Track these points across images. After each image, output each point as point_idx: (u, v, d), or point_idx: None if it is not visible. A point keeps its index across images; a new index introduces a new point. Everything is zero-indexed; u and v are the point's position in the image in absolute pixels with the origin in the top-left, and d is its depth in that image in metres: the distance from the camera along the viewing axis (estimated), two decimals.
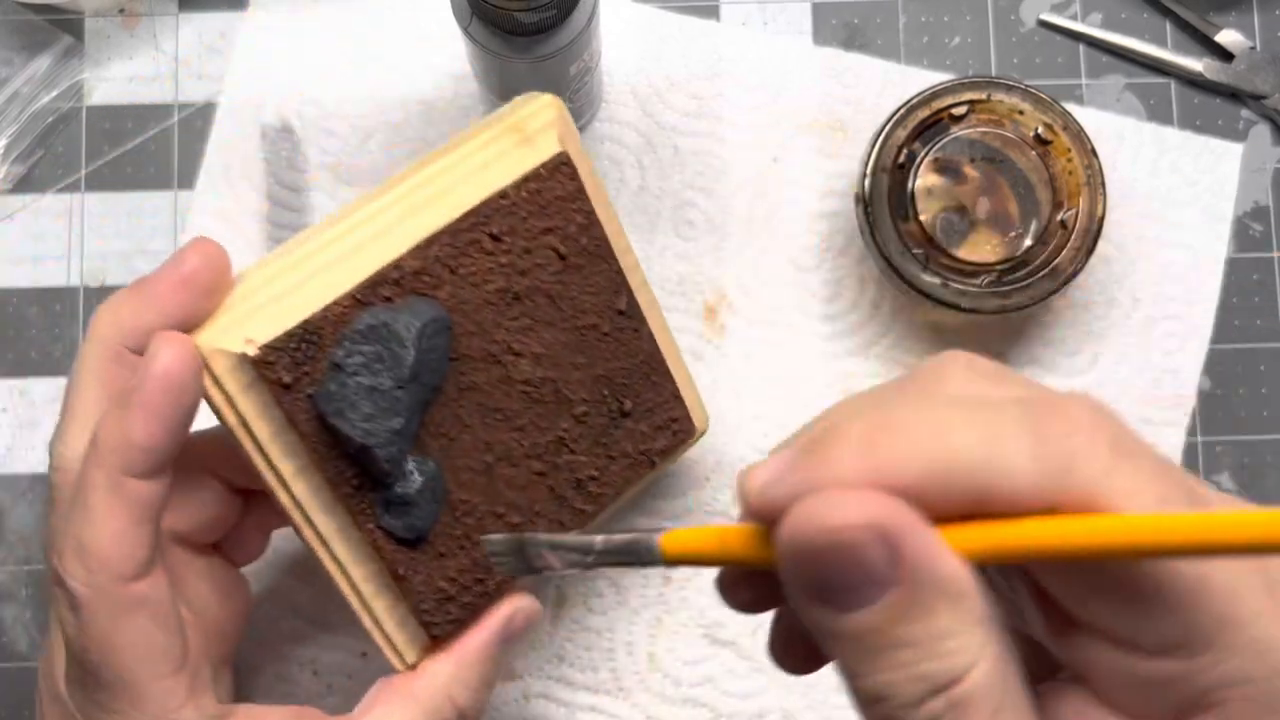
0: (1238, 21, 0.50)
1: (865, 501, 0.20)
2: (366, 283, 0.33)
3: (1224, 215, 0.49)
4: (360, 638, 0.47)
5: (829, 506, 0.20)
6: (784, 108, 0.50)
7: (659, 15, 0.50)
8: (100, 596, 0.31)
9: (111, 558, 0.31)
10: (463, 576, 0.36)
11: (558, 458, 0.37)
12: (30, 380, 0.48)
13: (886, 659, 0.20)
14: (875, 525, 0.20)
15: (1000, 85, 0.45)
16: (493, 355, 0.36)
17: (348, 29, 0.50)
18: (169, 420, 0.31)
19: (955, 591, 0.20)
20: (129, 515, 0.31)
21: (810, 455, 0.21)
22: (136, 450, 0.31)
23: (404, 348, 0.33)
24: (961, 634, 0.20)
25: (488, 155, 0.36)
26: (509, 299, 0.36)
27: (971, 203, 0.47)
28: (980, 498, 0.20)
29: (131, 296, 0.33)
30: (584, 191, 0.37)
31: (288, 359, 0.33)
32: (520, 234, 0.36)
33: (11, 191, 0.49)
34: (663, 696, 0.47)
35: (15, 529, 0.48)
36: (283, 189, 0.49)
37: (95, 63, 0.50)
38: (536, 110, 0.37)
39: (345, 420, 0.33)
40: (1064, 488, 0.20)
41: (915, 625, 0.20)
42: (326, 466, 0.34)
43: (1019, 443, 0.20)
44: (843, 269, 0.49)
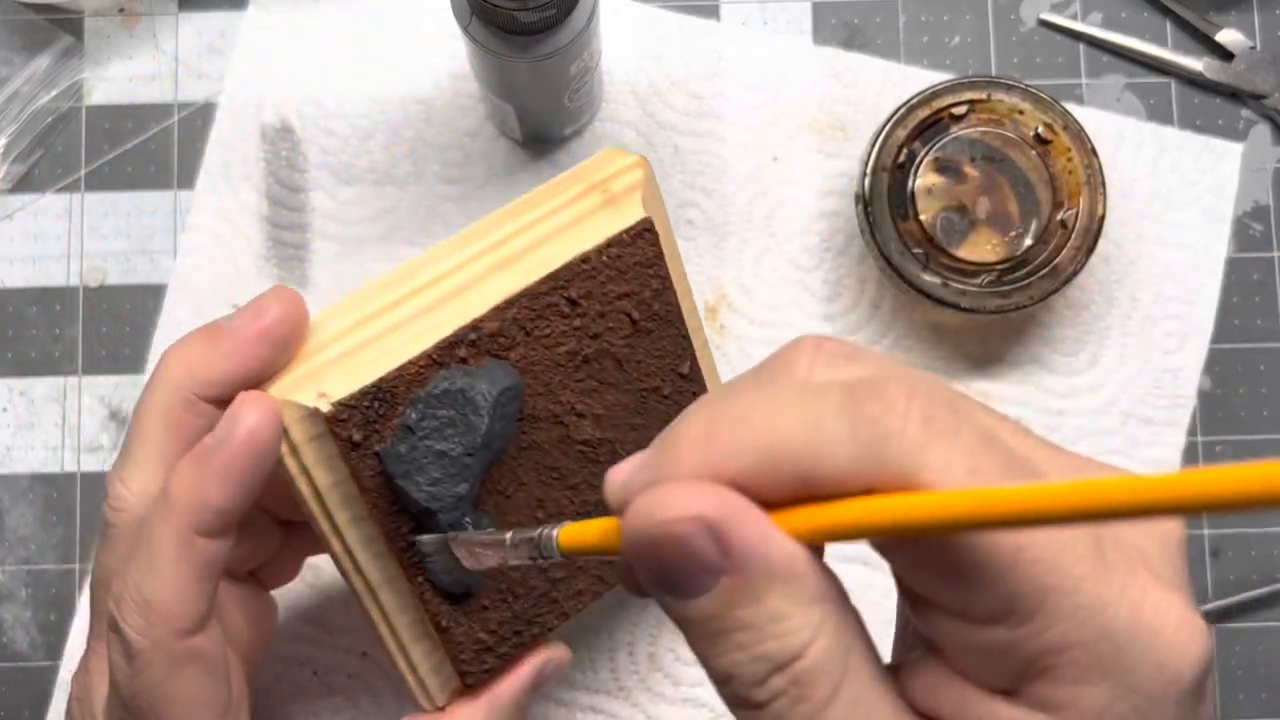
0: (1238, 21, 0.50)
1: (691, 494, 0.21)
2: (444, 343, 0.33)
3: (1224, 215, 0.49)
4: (360, 638, 0.47)
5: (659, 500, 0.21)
6: (784, 107, 0.50)
7: (659, 15, 0.50)
8: (156, 649, 0.31)
9: (173, 613, 0.31)
10: (502, 628, 0.36)
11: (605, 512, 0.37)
12: (30, 380, 0.48)
13: (727, 641, 0.21)
14: (699, 516, 0.20)
15: (1000, 85, 0.45)
16: (556, 416, 0.35)
17: (348, 29, 0.50)
18: (246, 484, 0.31)
19: (786, 574, 0.21)
20: (194, 573, 0.31)
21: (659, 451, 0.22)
22: (210, 511, 0.30)
23: (479, 415, 0.33)
24: (796, 614, 0.21)
25: (572, 214, 0.35)
26: (578, 361, 0.35)
27: (972, 202, 0.47)
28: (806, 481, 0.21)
29: (206, 342, 0.33)
30: (663, 257, 0.36)
31: (360, 417, 0.32)
32: (597, 298, 0.35)
33: (11, 191, 0.49)
34: (662, 696, 0.47)
35: (15, 529, 0.48)
36: (282, 189, 0.49)
37: (95, 62, 0.50)
38: (623, 170, 0.36)
39: (412, 483, 0.32)
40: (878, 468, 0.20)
41: (749, 609, 0.21)
42: (384, 521, 0.33)
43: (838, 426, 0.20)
44: (843, 269, 0.49)
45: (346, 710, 0.47)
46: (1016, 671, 0.21)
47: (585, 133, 0.49)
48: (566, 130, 0.48)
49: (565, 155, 0.49)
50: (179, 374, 0.33)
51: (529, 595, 0.36)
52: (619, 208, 0.36)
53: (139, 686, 0.31)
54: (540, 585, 0.36)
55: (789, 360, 0.24)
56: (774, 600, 0.21)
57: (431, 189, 0.49)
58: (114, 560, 0.33)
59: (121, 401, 0.48)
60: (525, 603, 0.36)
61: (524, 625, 0.36)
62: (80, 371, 0.48)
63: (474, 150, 0.49)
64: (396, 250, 0.49)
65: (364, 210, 0.49)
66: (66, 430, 0.48)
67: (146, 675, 0.31)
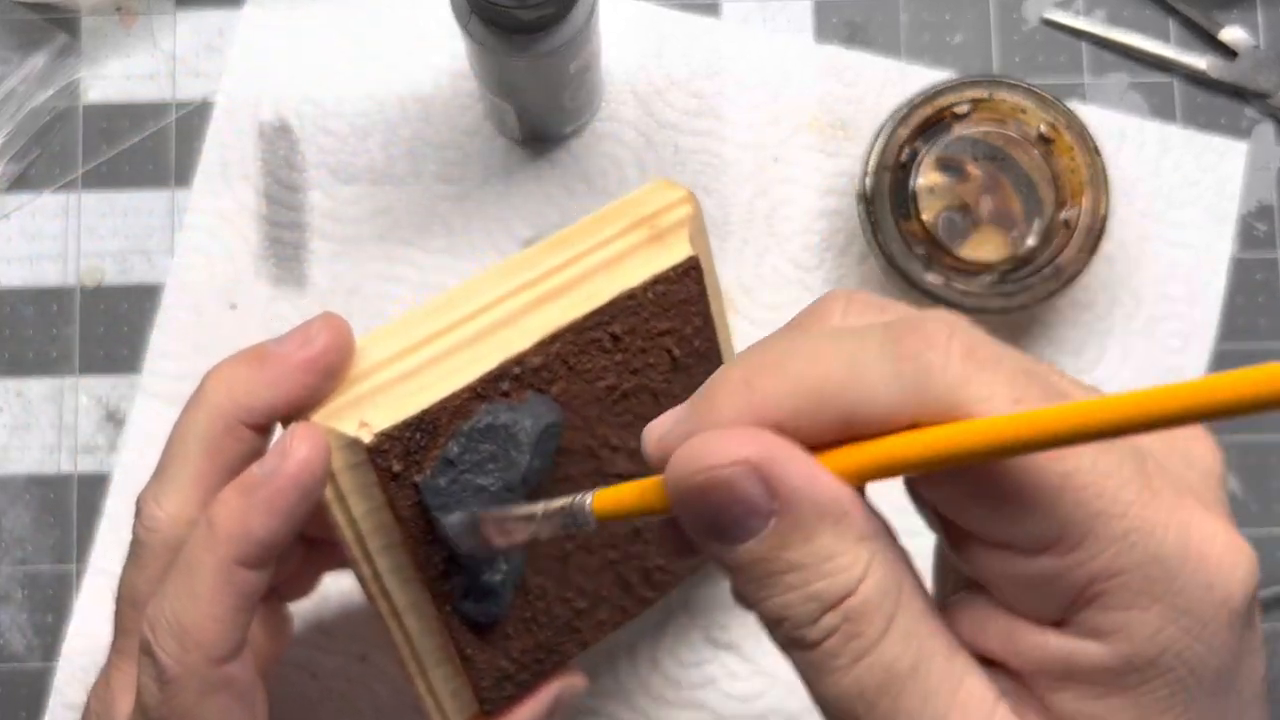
0: (1242, 19, 0.50)
1: (737, 439, 0.21)
2: (487, 377, 0.33)
3: (1228, 214, 0.49)
4: (359, 642, 0.46)
5: (704, 447, 0.21)
6: (785, 106, 0.49)
7: (659, 13, 0.50)
8: (190, 675, 0.31)
9: (209, 641, 0.30)
10: (524, 656, 0.36)
11: (631, 546, 0.37)
12: (26, 380, 0.48)
13: (778, 583, 0.21)
14: (747, 460, 0.21)
15: (1003, 83, 0.45)
16: (591, 449, 0.35)
17: (346, 27, 0.50)
18: (292, 518, 0.30)
19: (835, 513, 0.21)
20: (234, 603, 0.31)
21: (697, 403, 0.22)
22: (254, 544, 0.30)
23: (520, 452, 0.32)
24: (846, 552, 0.21)
25: (619, 249, 0.35)
26: (616, 396, 0.35)
27: (974, 202, 0.46)
28: (849, 420, 0.21)
29: (250, 367, 0.32)
30: (706, 295, 0.36)
31: (401, 448, 0.32)
32: (640, 334, 0.35)
33: (8, 190, 0.49)
34: (663, 699, 0.47)
35: (10, 530, 0.47)
36: (280, 188, 0.49)
37: (92, 61, 0.50)
38: (671, 205, 0.36)
39: (449, 515, 0.32)
40: (922, 402, 0.20)
41: (799, 550, 0.21)
42: (417, 550, 0.33)
43: (879, 364, 0.21)
44: (844, 268, 0.49)
45: (346, 714, 0.46)
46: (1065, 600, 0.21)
47: (585, 132, 0.49)
48: (566, 129, 0.48)
49: (565, 154, 0.49)
50: (221, 398, 0.32)
51: (552, 624, 0.36)
52: (665, 244, 0.35)
53: (170, 711, 0.31)
54: (563, 614, 0.36)
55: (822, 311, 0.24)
56: (823, 539, 0.21)
57: (430, 188, 0.49)
58: (142, 580, 0.33)
59: (119, 402, 0.48)
60: (548, 631, 0.36)
61: (545, 654, 0.36)
62: (77, 372, 0.48)
63: (472, 149, 0.49)
64: (394, 249, 0.48)
65: (362, 209, 0.49)
66: (63, 431, 0.48)
67: (178, 701, 0.31)
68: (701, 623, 0.47)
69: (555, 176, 0.49)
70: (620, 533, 0.37)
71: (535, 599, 0.36)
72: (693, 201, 0.36)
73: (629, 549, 0.37)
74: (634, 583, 0.38)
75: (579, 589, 0.36)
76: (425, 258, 0.48)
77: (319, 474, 0.31)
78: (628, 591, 0.38)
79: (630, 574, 0.37)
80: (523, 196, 0.49)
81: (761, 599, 0.22)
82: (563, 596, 0.36)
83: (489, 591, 0.34)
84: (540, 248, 0.35)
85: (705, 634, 0.47)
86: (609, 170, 0.49)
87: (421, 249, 0.49)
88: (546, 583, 0.36)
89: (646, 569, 0.38)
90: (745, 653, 0.47)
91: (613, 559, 0.37)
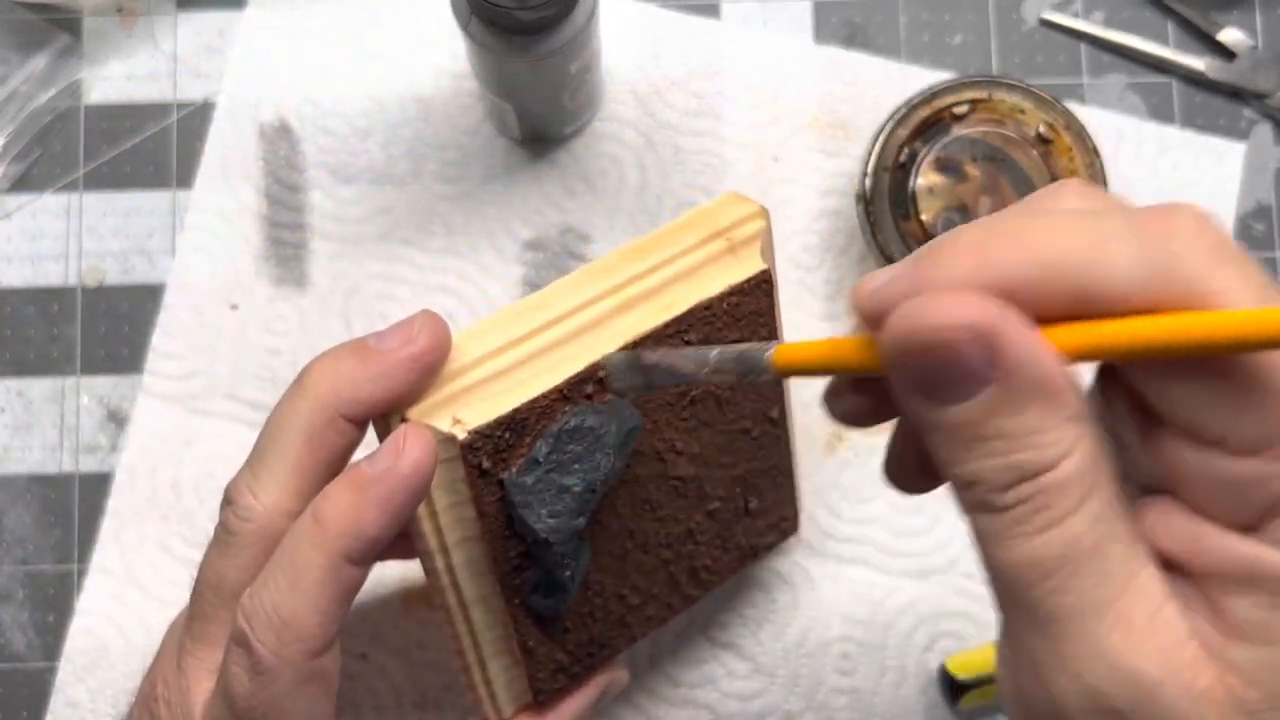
0: (1240, 20, 0.50)
1: (965, 302, 0.21)
2: (574, 379, 0.34)
3: (1226, 215, 0.49)
4: (360, 640, 0.46)
5: (930, 307, 0.21)
6: (784, 106, 0.49)
7: (659, 14, 0.50)
8: (286, 667, 0.31)
9: (309, 635, 0.31)
10: (579, 650, 0.38)
11: (684, 547, 0.39)
12: (28, 380, 0.48)
13: (981, 448, 0.22)
14: (973, 325, 0.21)
15: (1002, 84, 0.45)
16: (658, 452, 0.37)
17: (346, 28, 0.50)
18: (402, 516, 0.31)
19: (1050, 390, 0.21)
20: (337, 598, 0.31)
21: (924, 260, 0.22)
22: (364, 541, 0.30)
23: (605, 454, 0.33)
24: (1054, 429, 0.21)
25: (696, 259, 0.36)
26: (686, 401, 0.37)
27: (973, 202, 0.46)
28: (1084, 297, 0.21)
29: (354, 360, 0.33)
30: (774, 307, 0.37)
31: (491, 445, 0.33)
32: (711, 342, 0.36)
33: (9, 191, 0.49)
34: (663, 698, 0.47)
35: (12, 530, 0.47)
36: (281, 188, 0.49)
37: (93, 61, 0.50)
38: (745, 219, 0.37)
39: (533, 513, 0.33)
40: (1166, 287, 0.21)
41: (1008, 420, 0.21)
42: (495, 544, 0.34)
43: (1124, 245, 0.21)
44: (843, 269, 0.49)
45: (346, 712, 0.46)
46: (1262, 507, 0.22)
47: (585, 132, 0.49)
48: (566, 129, 0.48)
49: (565, 154, 0.49)
50: (325, 391, 0.32)
51: (607, 619, 0.38)
52: (739, 256, 0.37)
53: (259, 701, 0.31)
54: (617, 610, 0.38)
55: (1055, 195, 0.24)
56: (1035, 413, 0.21)
57: (430, 188, 0.49)
58: (232, 569, 0.33)
59: (120, 401, 0.48)
60: (602, 626, 0.38)
61: (597, 648, 0.38)
62: (78, 372, 0.48)
63: (473, 149, 0.49)
64: (395, 249, 0.49)
65: (362, 209, 0.49)
66: (65, 431, 0.48)
67: (271, 690, 0.31)
68: (701, 622, 0.47)
69: (555, 177, 0.49)
70: (676, 532, 0.38)
71: (594, 595, 0.37)
72: (765, 216, 0.38)
73: (682, 549, 0.39)
74: (682, 581, 0.39)
75: (633, 585, 0.38)
76: (425, 258, 0.49)
77: (429, 475, 0.31)
78: (675, 589, 0.39)
79: (680, 573, 0.39)
80: (523, 197, 0.49)
81: (958, 460, 0.22)
82: (619, 593, 0.38)
83: (560, 586, 0.35)
84: (622, 253, 0.36)
85: (705, 633, 0.47)
86: (609, 170, 0.49)
87: (422, 249, 0.49)
88: (606, 579, 0.37)
89: (695, 568, 0.39)
90: (745, 652, 0.47)
91: (666, 559, 0.38)
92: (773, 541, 0.42)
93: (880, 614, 0.47)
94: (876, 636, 0.47)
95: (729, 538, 0.40)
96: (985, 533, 0.22)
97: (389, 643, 0.47)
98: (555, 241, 0.49)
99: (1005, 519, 0.22)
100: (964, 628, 0.47)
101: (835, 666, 0.47)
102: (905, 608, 0.47)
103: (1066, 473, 0.21)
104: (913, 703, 0.47)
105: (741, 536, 0.40)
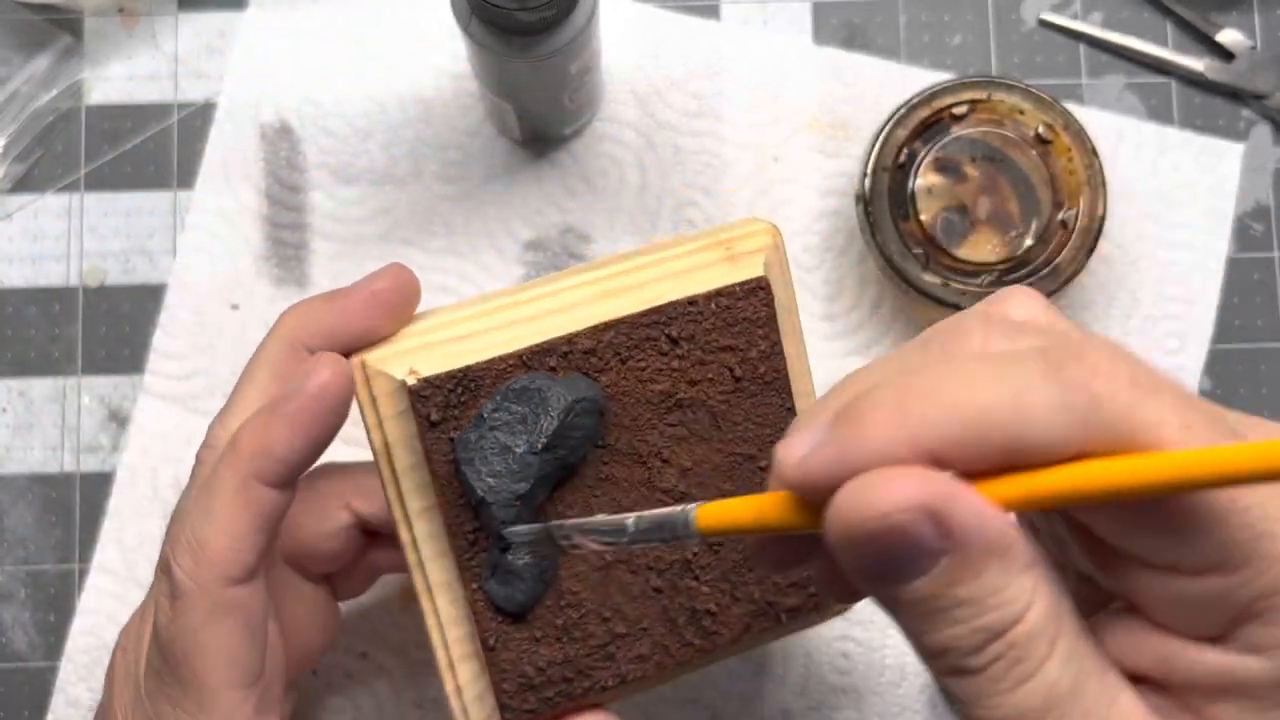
0: (1238, 21, 0.50)
1: (911, 482, 0.20)
2: (536, 348, 0.34)
3: (1225, 215, 0.49)
4: (360, 638, 0.47)
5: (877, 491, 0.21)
6: (784, 107, 0.49)
7: (659, 15, 0.50)
8: (200, 592, 0.31)
9: (221, 558, 0.31)
10: (551, 669, 0.35)
11: (680, 580, 0.36)
12: (29, 380, 0.48)
13: (945, 618, 0.21)
14: (923, 505, 0.20)
15: (1001, 85, 0.45)
16: (639, 456, 0.35)
17: (347, 29, 0.50)
18: (311, 437, 0.31)
19: (1001, 547, 0.21)
20: (249, 521, 0.31)
21: (845, 425, 0.21)
22: (272, 460, 0.31)
23: (548, 416, 0.33)
24: (1012, 584, 0.21)
25: (691, 262, 0.36)
26: (670, 404, 0.35)
27: (972, 202, 0.46)
28: (1012, 450, 0.21)
29: (319, 301, 0.34)
30: (774, 320, 0.36)
31: (441, 398, 0.33)
32: (699, 344, 0.35)
33: (11, 191, 0.49)
34: (662, 697, 0.47)
35: (13, 529, 0.48)
36: (282, 188, 0.49)
37: (94, 62, 0.50)
38: (751, 233, 0.36)
39: (473, 470, 0.33)
40: (1091, 431, 0.20)
41: (968, 586, 0.21)
42: (449, 511, 0.34)
43: (1044, 393, 0.20)
44: (843, 269, 0.49)
45: (347, 711, 0.47)
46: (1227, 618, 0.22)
47: (585, 133, 0.49)
48: (566, 130, 0.48)
49: (565, 155, 0.49)
50: (290, 326, 0.34)
51: (586, 642, 0.35)
52: (738, 265, 0.36)
53: (176, 630, 0.32)
54: (599, 635, 0.35)
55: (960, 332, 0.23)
56: (992, 574, 0.21)
57: (430, 189, 0.49)
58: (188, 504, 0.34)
59: (121, 401, 0.48)
60: (580, 648, 0.35)
61: (575, 674, 0.35)
62: (80, 372, 0.48)
63: (473, 150, 0.49)
64: (395, 250, 0.49)
65: (363, 210, 0.49)
66: (66, 431, 0.48)
67: (185, 619, 0.31)
68: None
69: (556, 177, 0.49)
70: (669, 559, 0.35)
71: (568, 606, 0.35)
72: (776, 235, 0.36)
73: (677, 581, 0.36)
74: (680, 623, 0.36)
75: (617, 610, 0.35)
76: (426, 258, 0.49)
77: (337, 396, 0.32)
78: (673, 630, 0.36)
79: (678, 612, 0.36)
80: (523, 197, 0.49)
81: (925, 632, 0.22)
82: (600, 614, 0.35)
83: (514, 574, 0.34)
84: (617, 255, 0.36)
85: None
86: (609, 170, 0.49)
87: (422, 249, 0.49)
88: (583, 592, 0.35)
89: (695, 610, 0.36)
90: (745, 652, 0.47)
91: (657, 586, 0.35)
92: (797, 605, 0.37)
93: (879, 613, 0.47)
94: (875, 636, 0.47)
95: (738, 584, 0.36)
96: (964, 696, 0.22)
97: (388, 641, 0.47)
98: (555, 241, 0.49)
99: (982, 680, 0.21)
100: None
101: (835, 666, 0.47)
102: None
103: (1032, 623, 0.21)
104: (912, 702, 0.47)
105: (754, 587, 0.36)
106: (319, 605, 0.39)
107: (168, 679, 0.32)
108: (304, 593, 0.38)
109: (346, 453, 0.47)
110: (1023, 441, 0.20)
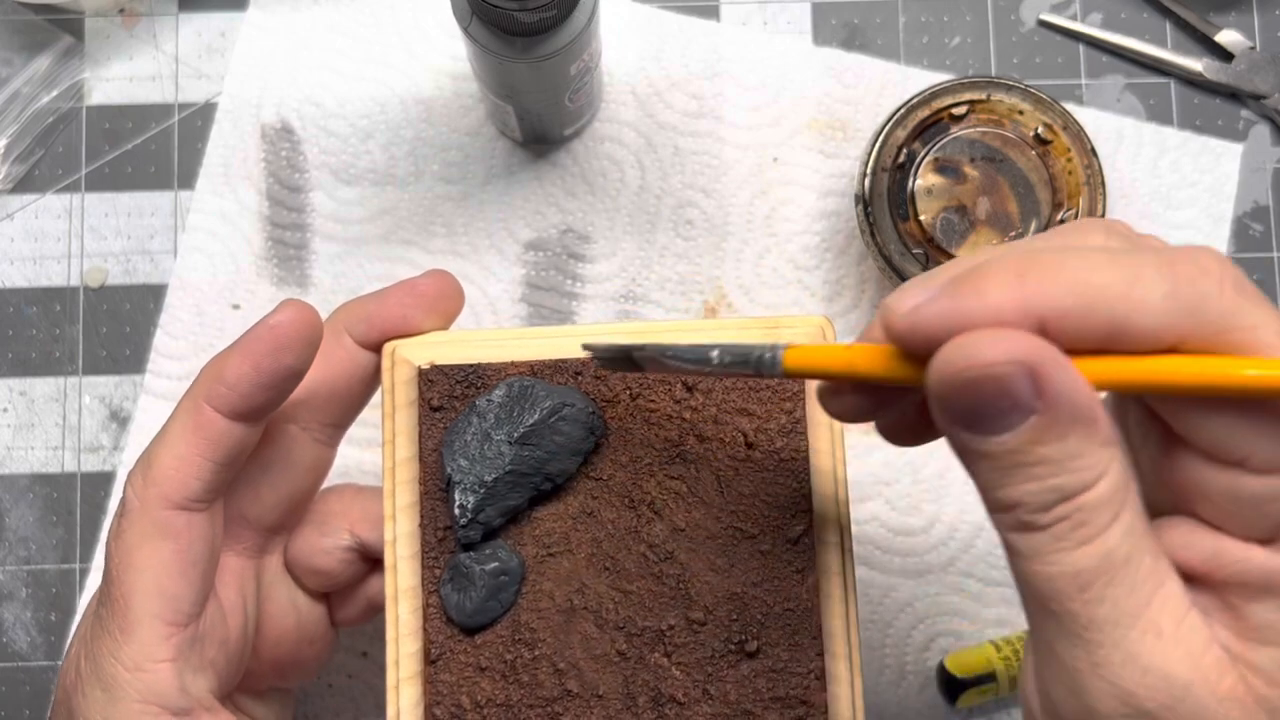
0: (1237, 21, 0.50)
1: (1016, 339, 0.22)
2: (550, 362, 0.35)
3: (1224, 215, 0.49)
4: (361, 638, 0.47)
5: (983, 343, 0.22)
6: (784, 107, 0.50)
7: (659, 15, 0.50)
8: (142, 510, 0.32)
9: (166, 477, 0.32)
10: (488, 709, 0.33)
11: (648, 653, 0.33)
12: (30, 380, 0.48)
13: (1022, 474, 0.23)
14: (1023, 360, 0.22)
15: (1000, 85, 0.45)
16: (630, 500, 0.34)
17: (348, 29, 0.50)
18: (262, 370, 0.32)
19: (1087, 417, 0.23)
20: (196, 445, 0.32)
21: (963, 284, 0.23)
22: (222, 385, 0.32)
23: (530, 411, 0.34)
24: (1090, 454, 0.23)
25: (733, 334, 0.35)
26: (674, 455, 0.34)
27: (971, 202, 0.47)
28: (1116, 331, 0.23)
29: (369, 294, 0.37)
30: (802, 398, 0.34)
31: (446, 386, 0.34)
32: (715, 401, 0.34)
33: (12, 191, 0.49)
34: None
35: (15, 529, 0.48)
36: (282, 189, 0.49)
37: (95, 62, 0.50)
38: (799, 321, 0.35)
39: (450, 450, 0.34)
40: (1192, 323, 0.22)
41: (1051, 446, 0.23)
42: (425, 502, 0.34)
43: (1155, 283, 0.22)
44: (843, 269, 0.49)
45: (347, 710, 0.47)
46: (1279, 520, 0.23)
47: (585, 133, 0.49)
48: (566, 130, 0.48)
49: (565, 155, 0.49)
50: (339, 314, 0.36)
51: (533, 689, 0.33)
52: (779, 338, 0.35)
53: (117, 546, 0.32)
54: (548, 686, 0.33)
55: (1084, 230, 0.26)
56: (1075, 440, 0.23)
57: (431, 189, 0.49)
58: None
59: (122, 401, 0.48)
60: (525, 694, 0.33)
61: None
62: (80, 372, 0.48)
63: (474, 150, 0.49)
64: (396, 250, 0.49)
65: (364, 210, 0.49)
66: (67, 430, 0.48)
67: (127, 536, 0.32)
68: None
69: (556, 177, 0.49)
70: (641, 624, 0.33)
71: (522, 643, 0.33)
72: (823, 326, 0.35)
73: (645, 653, 0.33)
74: (640, 703, 0.33)
75: (573, 663, 0.33)
76: (427, 258, 0.49)
77: (293, 335, 0.33)
78: (630, 710, 0.33)
79: (638, 687, 0.33)
80: (524, 197, 0.49)
81: (1000, 485, 0.23)
82: (555, 663, 0.33)
83: (465, 576, 0.33)
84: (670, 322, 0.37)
85: None
86: (609, 171, 0.49)
87: (423, 249, 0.49)
88: (542, 632, 0.33)
89: (660, 694, 0.33)
90: None
91: (622, 651, 0.33)
92: None
93: (878, 613, 0.47)
94: (874, 635, 0.47)
95: (716, 678, 0.33)
96: (1024, 550, 0.24)
97: None
98: (555, 242, 0.49)
99: (1045, 536, 0.23)
100: (962, 626, 0.47)
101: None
102: (903, 606, 0.47)
103: (1102, 492, 0.23)
104: (911, 701, 0.47)
105: (733, 688, 0.33)
106: (311, 619, 0.38)
107: (103, 598, 0.33)
108: (297, 601, 0.38)
109: (356, 455, 0.47)
110: (1128, 324, 0.22)
